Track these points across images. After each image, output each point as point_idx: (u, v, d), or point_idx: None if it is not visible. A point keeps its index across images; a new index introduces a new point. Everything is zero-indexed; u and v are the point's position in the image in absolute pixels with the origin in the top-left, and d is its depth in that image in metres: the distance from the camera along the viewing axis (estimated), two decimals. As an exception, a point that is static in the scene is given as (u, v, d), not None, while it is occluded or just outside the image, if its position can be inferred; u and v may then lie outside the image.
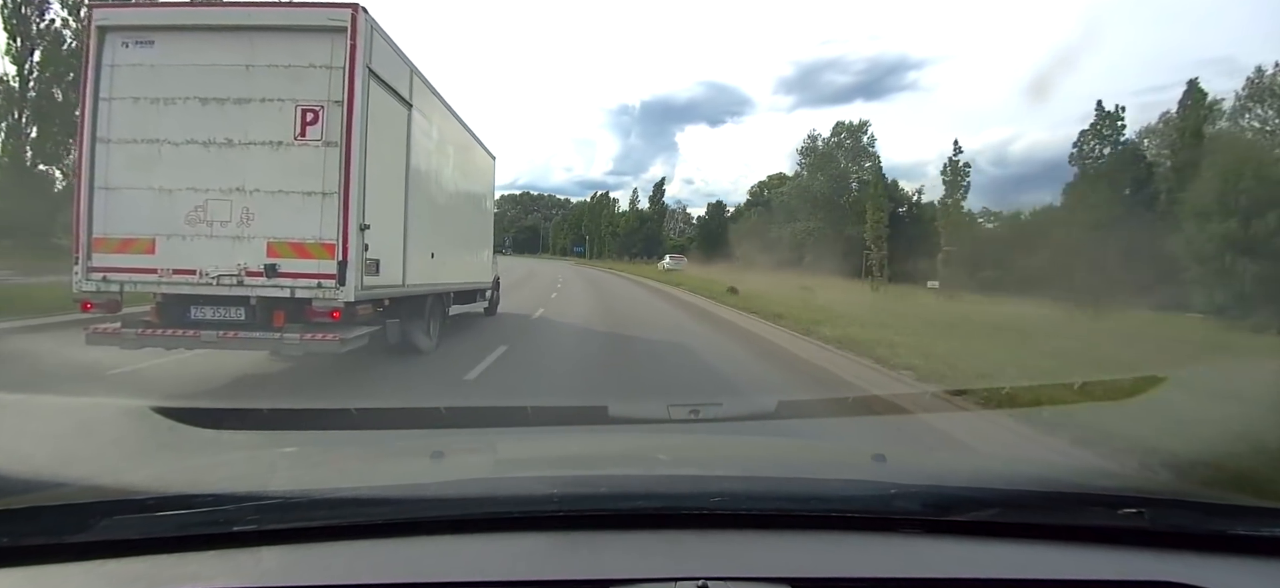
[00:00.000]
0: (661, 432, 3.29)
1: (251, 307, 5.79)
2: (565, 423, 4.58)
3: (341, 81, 5.75)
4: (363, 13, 5.82)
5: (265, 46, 5.82)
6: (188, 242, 5.79)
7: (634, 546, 1.12)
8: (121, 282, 5.83)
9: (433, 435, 3.85)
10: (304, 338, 5.75)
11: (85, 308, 5.95)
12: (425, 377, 7.09)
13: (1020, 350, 9.35)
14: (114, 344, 5.85)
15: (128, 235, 5.83)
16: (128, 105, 5.80)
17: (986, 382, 6.27)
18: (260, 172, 5.78)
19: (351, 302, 5.83)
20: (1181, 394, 5.54)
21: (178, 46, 5.91)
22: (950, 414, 5.52)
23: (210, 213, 5.79)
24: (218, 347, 5.99)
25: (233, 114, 5.78)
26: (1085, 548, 1.16)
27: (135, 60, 5.83)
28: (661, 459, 1.91)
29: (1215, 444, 4.08)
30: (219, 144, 5.79)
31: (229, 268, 5.78)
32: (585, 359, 8.95)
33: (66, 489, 1.27)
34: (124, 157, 5.81)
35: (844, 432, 4.59)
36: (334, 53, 5.78)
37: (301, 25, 5.89)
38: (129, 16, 6.09)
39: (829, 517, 1.20)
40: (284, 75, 5.80)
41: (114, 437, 4.28)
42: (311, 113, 5.75)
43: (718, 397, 6.10)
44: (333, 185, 5.76)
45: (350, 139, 5.73)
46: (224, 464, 1.86)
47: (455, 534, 1.12)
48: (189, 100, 5.80)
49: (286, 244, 5.79)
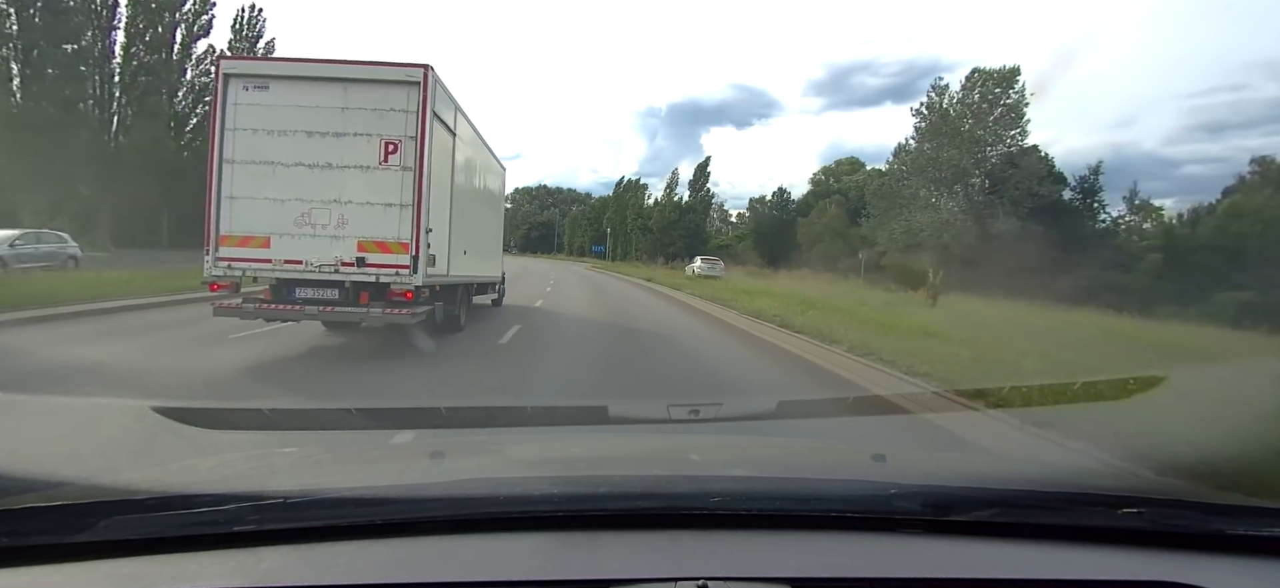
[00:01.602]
0: (662, 432, 3.29)
1: (345, 289, 7.43)
2: (565, 423, 4.59)
3: (415, 123, 7.41)
4: (431, 71, 7.49)
5: (357, 94, 7.43)
6: (295, 239, 7.39)
7: (634, 546, 1.12)
8: (242, 269, 7.45)
9: (433, 435, 3.86)
10: (385, 312, 7.40)
11: (213, 288, 7.54)
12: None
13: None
14: (235, 316, 7.47)
15: (247, 234, 7.41)
16: (248, 134, 7.37)
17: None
18: (353, 188, 7.41)
19: (420, 286, 7.49)
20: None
21: (288, 91, 7.48)
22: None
23: (313, 218, 7.41)
24: (317, 319, 7.95)
25: (331, 144, 7.40)
26: (1085, 548, 1.16)
27: (254, 100, 7.39)
28: (662, 459, 1.90)
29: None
30: (320, 166, 7.41)
31: (328, 259, 7.40)
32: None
33: (66, 489, 1.27)
34: (244, 174, 7.37)
35: (844, 432, 4.58)
36: (409, 100, 7.42)
37: (386, 79, 7.49)
38: (249, 67, 8.12)
39: (829, 517, 1.20)
40: (371, 116, 7.42)
41: (114, 437, 4.28)
42: (392, 145, 7.40)
43: (718, 397, 6.09)
44: (408, 199, 7.38)
45: (422, 166, 7.38)
46: (224, 464, 1.85)
47: (455, 534, 1.12)
48: (296, 133, 7.41)
49: (372, 242, 7.41)
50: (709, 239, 63.77)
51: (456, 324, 9.52)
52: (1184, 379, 6.17)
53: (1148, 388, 5.37)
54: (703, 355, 9.34)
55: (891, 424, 5.29)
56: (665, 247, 62.63)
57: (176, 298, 11.70)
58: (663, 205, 67.69)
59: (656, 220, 66.24)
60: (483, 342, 9.25)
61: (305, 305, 7.47)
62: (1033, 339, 10.70)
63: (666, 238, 63.74)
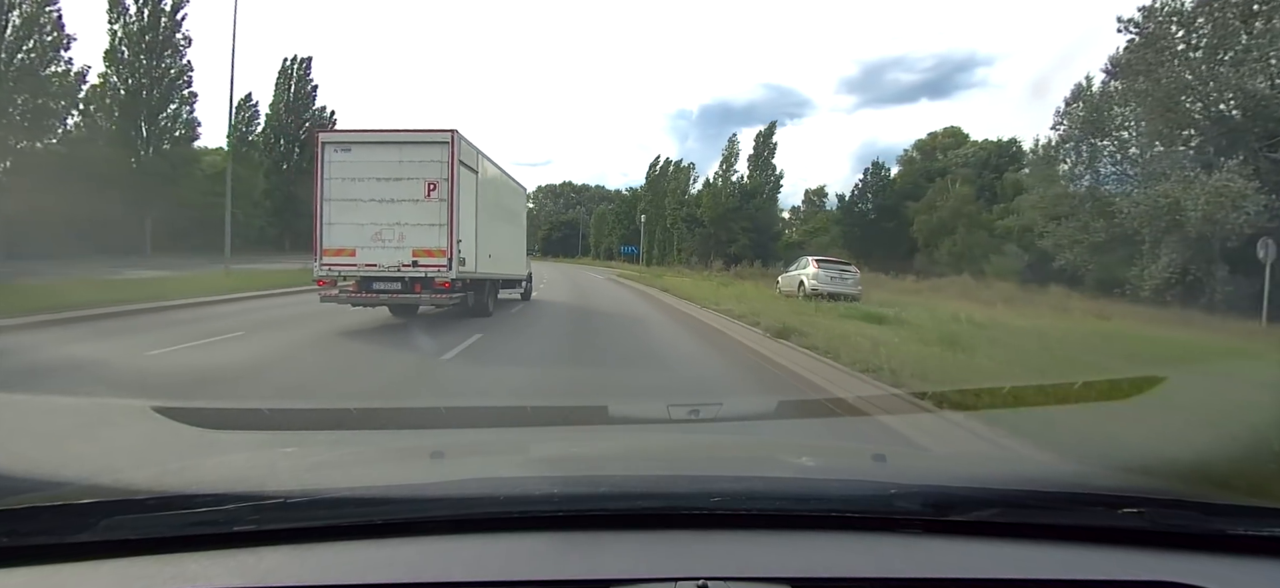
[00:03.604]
0: (661, 431, 3.29)
1: (405, 282, 10.64)
2: (565, 423, 4.58)
3: (447, 169, 10.64)
4: (457, 133, 10.80)
5: (408, 151, 10.77)
6: (371, 250, 10.58)
7: (634, 546, 1.12)
8: (339, 271, 10.70)
9: (433, 435, 3.86)
10: (432, 297, 10.82)
11: (320, 284, 10.84)
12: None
13: None
14: (334, 302, 10.86)
15: (341, 247, 10.64)
16: (338, 181, 10.69)
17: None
18: (407, 214, 10.63)
19: (453, 279, 10.64)
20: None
21: (363, 152, 10.85)
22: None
23: (383, 236, 10.60)
24: (387, 304, 11.27)
25: (392, 185, 10.65)
26: (1085, 548, 1.16)
27: (341, 158, 10.76)
28: (661, 459, 1.90)
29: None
30: (386, 201, 10.62)
31: (393, 263, 10.60)
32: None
33: (66, 489, 1.27)
34: (336, 208, 10.66)
35: (845, 432, 4.57)
36: (442, 153, 10.66)
37: (426, 141, 10.81)
38: (336, 136, 11.68)
39: (829, 517, 1.20)
40: (417, 165, 10.67)
41: (114, 437, 4.28)
42: (432, 185, 10.62)
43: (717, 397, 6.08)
44: (444, 220, 10.59)
45: (452, 198, 10.60)
46: (224, 464, 1.85)
47: (455, 534, 1.12)
48: (369, 179, 10.66)
49: (422, 250, 10.59)
50: (782, 236, 49.82)
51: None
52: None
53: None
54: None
55: (881, 425, 5.13)
56: (723, 244, 46.37)
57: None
58: (717, 189, 50.00)
59: (708, 209, 49.20)
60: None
61: (379, 294, 10.82)
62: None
63: (723, 232, 47.15)
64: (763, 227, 48.00)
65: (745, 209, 47.97)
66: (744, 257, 43.26)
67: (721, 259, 42.99)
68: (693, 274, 31.90)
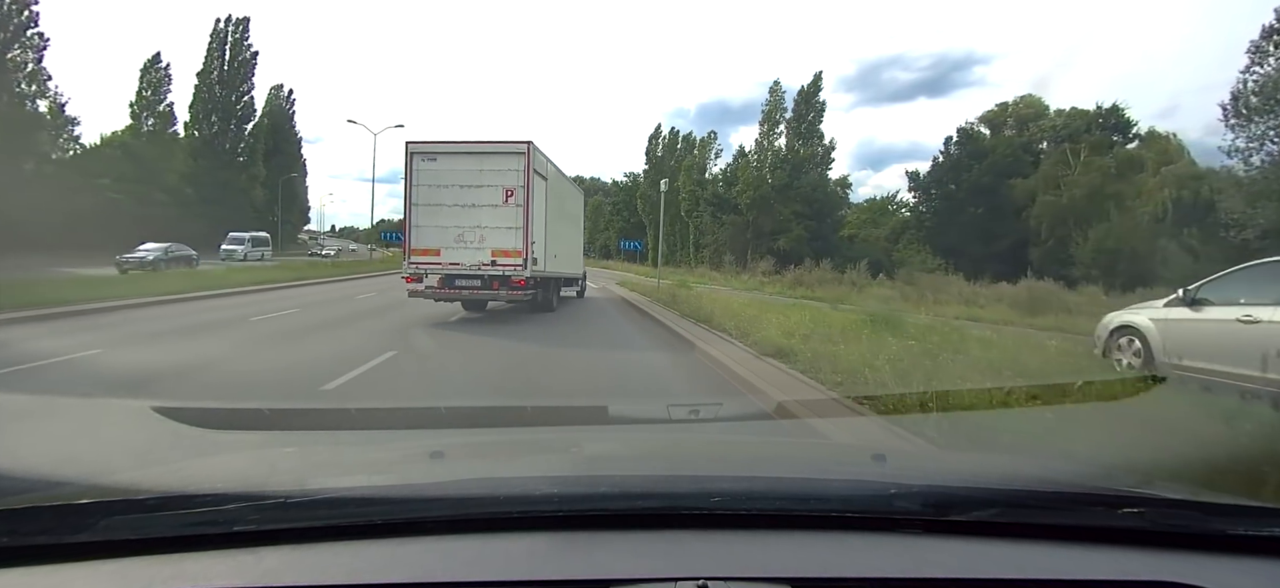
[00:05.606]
0: (661, 431, 3.29)
1: (484, 279, 11.98)
2: (565, 423, 4.58)
3: (523, 177, 11.86)
4: (531, 144, 12.00)
5: (488, 161, 11.99)
6: (454, 250, 11.90)
7: (634, 546, 1.12)
8: (425, 269, 12.06)
9: (432, 435, 3.86)
10: (508, 293, 12.16)
11: (408, 281, 12.25)
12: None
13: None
14: (420, 296, 12.28)
15: (427, 247, 11.96)
16: (425, 187, 12.00)
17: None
18: (487, 218, 11.89)
19: (528, 277, 11.89)
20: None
21: (447, 161, 12.08)
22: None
23: (465, 237, 11.88)
24: (467, 299, 12.79)
25: (473, 192, 11.92)
26: (1085, 548, 1.16)
27: (427, 166, 12.03)
28: (661, 459, 1.90)
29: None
30: (467, 206, 11.90)
31: (474, 262, 11.90)
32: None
33: (66, 489, 1.27)
34: (423, 212, 12.00)
35: (845, 432, 4.57)
36: (519, 163, 11.91)
37: (506, 151, 12.03)
38: (424, 147, 12.28)
39: (829, 517, 1.19)
40: (496, 174, 11.89)
41: (114, 437, 4.28)
42: (510, 191, 11.85)
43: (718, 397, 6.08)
44: (519, 224, 11.86)
45: (527, 203, 11.80)
46: (224, 464, 1.85)
47: (455, 534, 1.12)
48: (452, 186, 11.94)
49: (500, 251, 11.83)
50: (844, 218, 37.79)
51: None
52: None
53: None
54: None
55: (888, 428, 5.11)
56: (768, 238, 34.07)
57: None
58: (757, 163, 36.23)
59: (747, 188, 35.72)
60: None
61: (461, 290, 12.26)
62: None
63: (768, 220, 34.39)
64: (821, 213, 35.42)
65: (796, 187, 35.19)
66: (798, 255, 30.63)
67: (769, 256, 31.92)
68: (731, 279, 22.91)
